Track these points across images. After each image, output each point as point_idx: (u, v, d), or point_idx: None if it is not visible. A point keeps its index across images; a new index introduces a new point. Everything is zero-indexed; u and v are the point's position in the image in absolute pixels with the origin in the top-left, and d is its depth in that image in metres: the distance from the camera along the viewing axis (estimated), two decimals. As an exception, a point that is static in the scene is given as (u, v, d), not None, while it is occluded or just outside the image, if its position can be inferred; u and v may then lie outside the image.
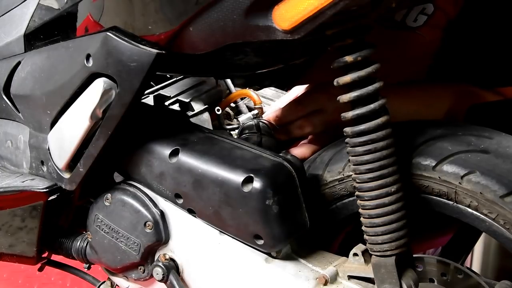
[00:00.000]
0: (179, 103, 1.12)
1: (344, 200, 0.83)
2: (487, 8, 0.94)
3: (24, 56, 1.03)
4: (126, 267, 0.95)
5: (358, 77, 0.69)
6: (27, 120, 1.04)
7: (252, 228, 0.78)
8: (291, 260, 0.82)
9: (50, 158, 0.97)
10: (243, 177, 0.77)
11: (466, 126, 0.78)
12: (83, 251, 1.03)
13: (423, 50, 0.97)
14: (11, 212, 1.02)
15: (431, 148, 0.75)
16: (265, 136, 1.00)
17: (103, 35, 0.81)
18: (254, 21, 0.66)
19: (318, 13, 0.61)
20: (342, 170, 0.82)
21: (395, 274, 0.72)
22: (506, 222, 0.69)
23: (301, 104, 1.01)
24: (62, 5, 0.93)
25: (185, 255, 0.90)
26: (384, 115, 0.70)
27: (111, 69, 0.81)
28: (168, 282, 0.89)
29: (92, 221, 0.96)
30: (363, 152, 0.70)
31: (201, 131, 0.90)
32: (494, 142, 0.73)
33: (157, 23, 0.76)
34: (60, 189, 0.98)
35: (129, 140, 0.90)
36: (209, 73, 1.06)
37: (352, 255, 0.78)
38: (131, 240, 0.92)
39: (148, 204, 0.90)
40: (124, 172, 0.95)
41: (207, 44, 0.74)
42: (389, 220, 0.71)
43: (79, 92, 0.88)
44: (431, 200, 0.76)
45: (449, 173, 0.72)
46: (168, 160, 0.85)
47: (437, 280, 0.86)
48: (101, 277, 1.13)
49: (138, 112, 0.91)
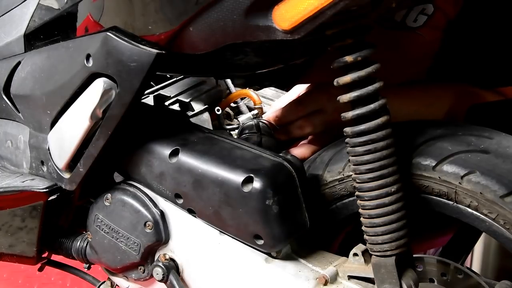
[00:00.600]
0: (179, 103, 1.12)
1: (344, 200, 0.83)
2: (487, 8, 0.94)
3: (24, 56, 1.03)
4: (126, 267, 0.95)
5: (358, 77, 0.69)
6: (27, 120, 1.04)
7: (252, 228, 0.78)
8: (291, 260, 0.82)
9: (50, 158, 0.97)
10: (243, 177, 0.77)
11: (466, 126, 0.78)
12: (83, 251, 1.03)
13: (423, 51, 0.97)
14: (11, 212, 1.02)
15: (431, 148, 0.75)
16: (265, 136, 1.00)
17: (103, 35, 0.81)
18: (254, 21, 0.66)
19: (318, 13, 0.61)
20: (342, 170, 0.82)
21: (395, 274, 0.72)
22: (506, 222, 0.69)
23: (301, 104, 1.01)
24: (62, 5, 0.93)
25: (185, 255, 0.90)
26: (384, 115, 0.70)
27: (111, 69, 0.81)
28: (168, 282, 0.89)
29: (92, 221, 0.96)
30: (363, 152, 0.70)
31: (201, 131, 0.90)
32: (494, 142, 0.73)
33: (157, 23, 0.76)
34: (60, 189, 0.98)
35: (129, 140, 0.90)
36: (209, 73, 1.06)
37: (352, 255, 0.78)
38: (131, 240, 0.92)
39: (148, 204, 0.90)
40: (124, 172, 0.95)
41: (207, 44, 0.74)
42: (389, 220, 0.71)
43: (79, 92, 0.88)
44: (431, 200, 0.76)
45: (449, 173, 0.72)
46: (168, 160, 0.85)
47: (437, 280, 0.86)
48: (101, 277, 1.13)
49: (138, 112, 0.91)
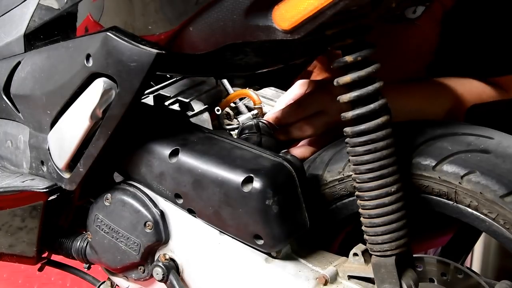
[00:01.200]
0: (179, 103, 1.12)
1: (344, 200, 0.83)
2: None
3: (24, 56, 1.03)
4: (126, 267, 0.95)
5: (358, 77, 0.69)
6: (27, 120, 1.04)
7: (252, 228, 0.78)
8: (291, 260, 0.82)
9: (50, 158, 0.97)
10: (243, 177, 0.77)
11: (466, 126, 0.78)
12: (83, 251, 1.03)
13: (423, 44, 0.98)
14: (11, 212, 1.02)
15: (431, 148, 0.75)
16: (265, 136, 1.00)
17: (103, 35, 0.81)
18: (254, 21, 0.66)
19: (318, 13, 0.61)
20: (342, 170, 0.82)
21: (395, 274, 0.72)
22: (506, 222, 0.69)
23: (301, 106, 1.00)
24: (62, 5, 0.93)
25: (185, 255, 0.90)
26: (384, 115, 0.70)
27: (111, 69, 0.81)
28: (168, 282, 0.89)
29: (92, 221, 0.96)
30: (363, 152, 0.70)
31: (201, 131, 0.90)
32: (494, 142, 0.73)
33: (157, 23, 0.76)
34: (60, 189, 0.98)
35: (129, 140, 0.90)
36: (209, 73, 1.06)
37: (352, 255, 0.78)
38: (131, 240, 0.92)
39: (148, 204, 0.90)
40: (124, 172, 0.95)
41: (207, 44, 0.74)
42: (389, 220, 0.71)
43: (79, 92, 0.88)
44: (431, 200, 0.76)
45: (449, 173, 0.72)
46: (168, 160, 0.85)
47: (437, 280, 0.86)
48: (101, 277, 1.13)
49: (138, 112, 0.91)
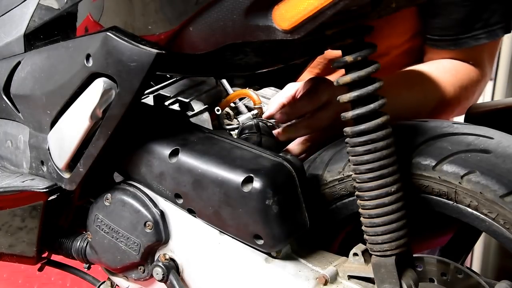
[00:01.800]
0: (179, 103, 1.12)
1: (344, 200, 0.83)
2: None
3: (24, 56, 1.03)
4: (126, 267, 0.95)
5: (358, 77, 0.69)
6: (27, 120, 1.04)
7: (252, 228, 0.78)
8: (291, 260, 0.82)
9: (50, 158, 0.97)
10: (243, 177, 0.77)
11: (466, 126, 0.78)
12: (83, 251, 1.03)
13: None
14: (11, 212, 1.02)
15: (431, 148, 0.75)
16: (265, 136, 1.00)
17: (103, 35, 0.81)
18: (254, 21, 0.66)
19: (318, 13, 0.61)
20: (342, 170, 0.82)
21: (395, 274, 0.72)
22: (506, 222, 0.69)
23: (316, 93, 0.96)
24: (62, 5, 0.93)
25: (185, 255, 0.90)
26: (384, 115, 0.70)
27: (111, 69, 0.81)
28: (168, 282, 0.89)
29: (92, 221, 0.96)
30: (363, 152, 0.70)
31: (201, 131, 0.90)
32: (494, 142, 0.73)
33: (157, 23, 0.76)
34: (60, 189, 0.98)
35: (129, 140, 0.90)
36: (209, 73, 1.06)
37: (352, 255, 0.78)
38: (131, 240, 0.92)
39: (148, 204, 0.90)
40: (124, 172, 0.95)
41: (207, 44, 0.74)
42: (389, 220, 0.71)
43: (79, 92, 0.88)
44: (431, 200, 0.76)
45: (449, 173, 0.72)
46: (168, 160, 0.85)
47: (437, 280, 0.86)
48: (101, 277, 1.13)
49: (138, 112, 0.91)
